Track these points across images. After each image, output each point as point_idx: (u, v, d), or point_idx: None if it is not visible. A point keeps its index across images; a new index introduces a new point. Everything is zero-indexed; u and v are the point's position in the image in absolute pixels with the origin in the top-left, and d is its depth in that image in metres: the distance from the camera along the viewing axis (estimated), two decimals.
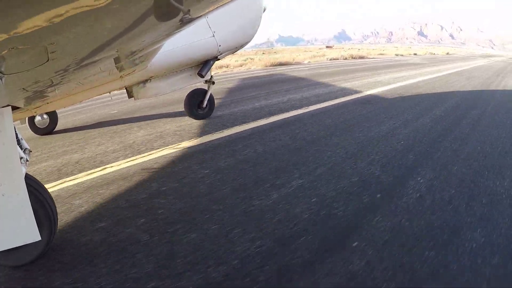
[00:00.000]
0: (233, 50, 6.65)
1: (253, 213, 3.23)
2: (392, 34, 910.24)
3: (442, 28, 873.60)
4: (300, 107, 8.25)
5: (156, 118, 7.65)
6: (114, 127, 7.05)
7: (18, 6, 0.80)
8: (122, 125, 7.15)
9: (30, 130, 6.81)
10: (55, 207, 2.75)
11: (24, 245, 2.37)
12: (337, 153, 4.84)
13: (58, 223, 2.98)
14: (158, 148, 5.37)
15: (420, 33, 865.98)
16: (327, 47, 72.33)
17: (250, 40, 6.63)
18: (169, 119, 7.53)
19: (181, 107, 7.97)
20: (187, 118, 7.41)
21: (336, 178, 3.99)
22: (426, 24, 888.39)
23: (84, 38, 1.21)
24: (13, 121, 2.29)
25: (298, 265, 2.46)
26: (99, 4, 0.90)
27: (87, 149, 5.50)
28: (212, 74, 6.82)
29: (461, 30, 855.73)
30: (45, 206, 2.57)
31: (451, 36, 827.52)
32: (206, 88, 7.16)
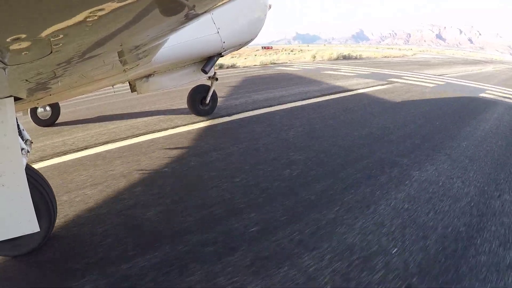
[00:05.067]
0: (237, 47, 6.63)
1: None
2: (410, 36, 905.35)
3: (461, 32, 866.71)
4: None
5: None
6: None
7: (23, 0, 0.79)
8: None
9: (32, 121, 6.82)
10: (55, 198, 2.76)
11: (23, 235, 2.37)
12: None
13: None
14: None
15: (439, 36, 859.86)
16: (264, 48, 55.23)
17: (255, 37, 6.61)
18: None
19: None
20: None
21: None
22: (444, 27, 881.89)
23: (88, 31, 1.21)
24: (15, 112, 2.29)
25: None
26: None
27: None
28: (215, 71, 6.82)
29: (480, 34, 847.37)
30: (44, 197, 2.57)
31: (470, 40, 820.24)
32: (209, 85, 7.16)
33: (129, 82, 6.26)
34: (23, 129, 3.21)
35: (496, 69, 29.12)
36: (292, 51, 38.67)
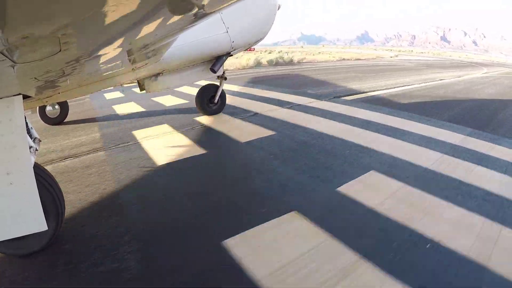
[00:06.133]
0: (246, 46, 6.63)
1: None
2: (414, 38, 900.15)
3: (465, 34, 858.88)
4: None
5: None
6: None
7: None
8: None
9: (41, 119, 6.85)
10: (63, 197, 2.75)
11: (30, 234, 2.37)
12: None
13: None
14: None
15: (443, 38, 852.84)
16: (247, 49, 46.52)
17: (264, 37, 6.60)
18: None
19: None
20: None
21: None
22: (449, 29, 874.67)
23: (97, 30, 1.20)
24: (24, 110, 2.29)
25: None
26: None
27: None
28: (224, 70, 6.81)
29: (484, 37, 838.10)
30: (52, 196, 2.57)
31: (474, 42, 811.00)
32: (218, 84, 7.17)
33: (138, 81, 6.27)
34: (31, 127, 3.22)
35: (486, 75, 20.93)
36: (270, 52, 37.20)
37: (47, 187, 2.53)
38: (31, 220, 2.28)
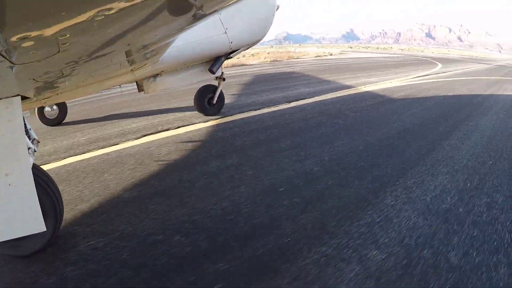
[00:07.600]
0: (245, 47, 6.63)
1: None
2: (400, 35, 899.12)
3: (450, 30, 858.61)
4: None
5: None
6: None
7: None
8: None
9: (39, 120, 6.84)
10: (61, 198, 2.75)
11: (29, 235, 2.36)
12: None
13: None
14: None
15: (428, 35, 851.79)
16: None
17: (262, 38, 6.61)
18: None
19: None
20: None
21: None
22: (434, 26, 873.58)
23: (96, 31, 1.20)
24: (22, 111, 2.29)
25: None
26: None
27: None
28: (223, 71, 6.81)
29: (469, 33, 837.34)
30: (51, 197, 2.57)
31: (459, 38, 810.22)
32: (217, 85, 7.16)
33: (136, 82, 6.26)
34: (30, 128, 3.22)
35: (423, 81, 13.52)
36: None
37: (46, 188, 2.53)
38: (30, 221, 2.27)
